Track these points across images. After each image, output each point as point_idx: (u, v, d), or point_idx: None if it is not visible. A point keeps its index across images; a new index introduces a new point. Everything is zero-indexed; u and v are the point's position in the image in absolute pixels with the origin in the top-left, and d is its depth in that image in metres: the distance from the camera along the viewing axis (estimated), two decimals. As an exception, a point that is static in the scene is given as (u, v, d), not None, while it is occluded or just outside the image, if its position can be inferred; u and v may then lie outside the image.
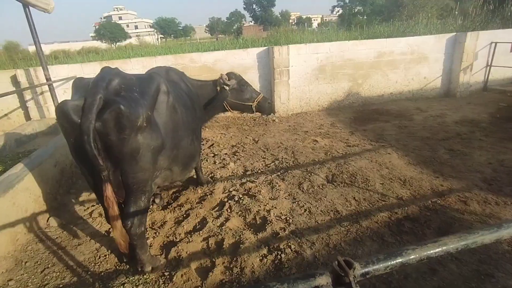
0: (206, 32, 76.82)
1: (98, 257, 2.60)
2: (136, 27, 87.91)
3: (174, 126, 2.34)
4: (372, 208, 3.09)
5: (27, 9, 4.50)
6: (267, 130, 5.88)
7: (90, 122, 1.73)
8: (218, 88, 3.46)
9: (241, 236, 2.75)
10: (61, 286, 2.28)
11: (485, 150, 4.27)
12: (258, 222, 2.97)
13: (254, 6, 71.21)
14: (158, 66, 3.22)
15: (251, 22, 74.08)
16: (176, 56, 6.36)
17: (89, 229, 3.03)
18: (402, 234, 2.67)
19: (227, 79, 3.47)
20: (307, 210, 3.11)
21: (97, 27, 62.91)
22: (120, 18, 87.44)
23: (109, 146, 1.86)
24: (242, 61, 6.56)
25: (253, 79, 6.74)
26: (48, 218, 3.10)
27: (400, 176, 3.69)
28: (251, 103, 3.69)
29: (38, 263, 2.53)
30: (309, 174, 3.84)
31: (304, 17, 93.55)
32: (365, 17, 43.55)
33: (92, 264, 2.51)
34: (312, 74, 6.83)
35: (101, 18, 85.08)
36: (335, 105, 7.16)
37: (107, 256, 2.61)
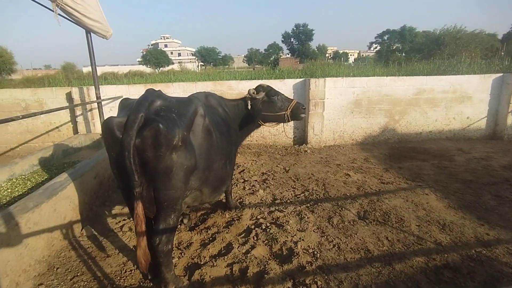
0: (244, 62, 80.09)
1: (124, 271, 2.65)
2: (179, 55, 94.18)
3: (208, 148, 2.42)
4: (407, 251, 2.89)
5: (89, 34, 5.04)
6: (299, 160, 5.85)
7: (131, 138, 1.85)
8: (249, 103, 3.43)
9: (266, 265, 2.68)
10: (88, 296, 2.34)
11: (538, 200, 3.90)
12: (284, 253, 2.89)
13: (292, 40, 73.71)
14: (198, 92, 3.40)
15: (288, 54, 76.36)
16: (215, 82, 6.69)
17: (119, 242, 3.12)
18: (441, 283, 2.45)
19: (255, 92, 3.46)
20: (336, 245, 2.98)
21: (144, 53, 68.29)
22: (165, 46, 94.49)
23: (145, 162, 1.95)
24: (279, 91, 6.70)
25: (287, 109, 6.84)
26: (83, 228, 3.24)
27: (439, 220, 3.45)
28: (284, 112, 3.57)
29: (69, 270, 2.63)
30: (339, 209, 3.72)
31: (341, 51, 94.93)
32: (403, 54, 43.31)
33: (118, 278, 2.56)
34: (348, 107, 6.80)
35: (149, 45, 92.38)
36: (369, 140, 7.01)
37: (132, 271, 2.65)
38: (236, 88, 6.69)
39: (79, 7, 4.43)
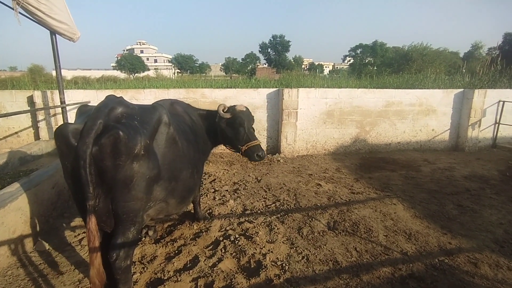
0: (221, 71, 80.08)
1: (78, 289, 2.45)
2: (155, 61, 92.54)
3: (173, 158, 2.32)
4: (374, 262, 2.90)
5: (53, 36, 4.79)
6: (271, 169, 5.82)
7: (87, 146, 1.73)
8: (218, 117, 3.29)
9: (233, 279, 2.58)
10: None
11: (496, 209, 4.10)
12: (252, 266, 2.80)
13: (269, 50, 74.91)
14: (164, 99, 3.29)
15: (265, 64, 77.40)
16: (188, 90, 6.56)
17: (75, 257, 2.90)
18: (406, 294, 2.47)
19: (225, 110, 3.31)
20: (305, 257, 2.94)
21: (118, 58, 66.58)
22: (141, 52, 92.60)
23: (103, 172, 1.83)
24: (252, 100, 6.71)
25: (261, 118, 6.85)
26: (36, 242, 2.99)
27: (405, 229, 3.51)
28: (240, 146, 3.32)
29: (15, 291, 2.39)
30: (310, 219, 3.70)
31: (316, 63, 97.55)
32: (375, 68, 45.23)
33: (70, 297, 2.36)
34: (320, 118, 6.91)
35: (124, 50, 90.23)
36: (341, 150, 7.14)
37: (88, 290, 2.46)
38: (209, 96, 6.61)
39: (43, 7, 4.20)
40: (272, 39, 73.28)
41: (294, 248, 3.10)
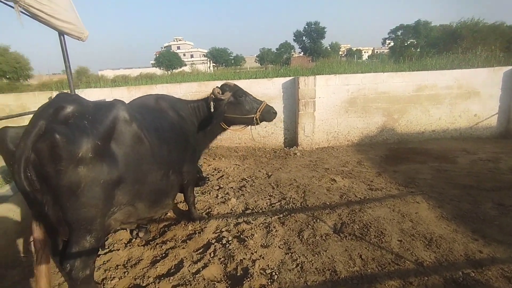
0: (256, 62, 79.82)
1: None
2: (191, 56, 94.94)
3: (138, 158, 2.12)
4: (381, 273, 2.49)
5: (62, 36, 4.86)
6: (285, 164, 5.48)
7: (22, 151, 1.59)
8: (212, 105, 3.07)
9: (213, 289, 2.36)
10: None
11: (547, 210, 3.39)
12: (238, 274, 2.56)
13: (304, 38, 72.95)
14: (149, 94, 3.12)
15: (300, 53, 75.66)
16: (200, 83, 6.41)
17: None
18: (412, 316, 2.05)
19: (220, 92, 3.12)
20: (300, 265, 2.62)
21: (157, 55, 69.22)
22: (178, 48, 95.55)
23: (45, 178, 1.68)
24: (267, 91, 6.38)
25: (277, 109, 6.34)
26: (31, 243, 3.01)
27: (426, 233, 3.01)
28: (253, 115, 3.27)
29: (-4, 293, 2.39)
30: (314, 220, 3.34)
31: (354, 49, 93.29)
32: (418, 50, 41.89)
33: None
34: (342, 106, 6.37)
35: (162, 48, 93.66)
36: (366, 141, 6.54)
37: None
38: (222, 89, 6.38)
39: (46, 8, 4.22)
40: (306, 26, 71.22)
41: (290, 254, 2.79)
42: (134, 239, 3.14)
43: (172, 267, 2.69)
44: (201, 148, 3.38)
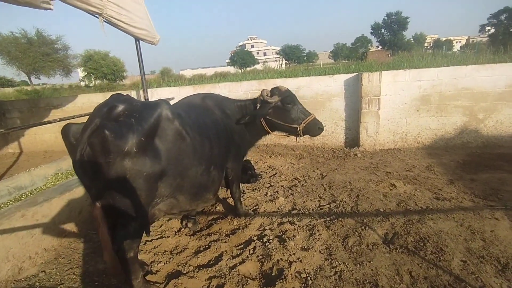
0: (329, 58, 77.39)
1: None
2: (264, 54, 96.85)
3: (180, 153, 2.26)
4: (432, 295, 2.20)
5: (137, 42, 5.48)
6: (342, 165, 5.20)
7: (82, 144, 1.85)
8: (258, 106, 3.11)
9: (244, 286, 2.40)
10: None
11: None
12: (273, 274, 2.54)
13: (383, 30, 67.82)
14: (196, 93, 3.28)
15: (378, 47, 70.69)
16: (260, 81, 6.50)
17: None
18: None
19: (269, 94, 3.10)
20: (338, 273, 2.48)
21: (232, 54, 72.49)
22: (252, 46, 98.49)
23: (97, 169, 1.92)
24: (327, 88, 6.14)
25: (339, 107, 6.20)
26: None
27: (500, 257, 2.54)
28: (296, 126, 3.12)
29: (69, 261, 2.85)
30: (362, 227, 3.11)
31: (443, 39, 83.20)
32: (528, 36, 35.17)
33: (104, 275, 2.64)
34: (412, 104, 5.74)
35: (236, 47, 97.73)
36: (441, 144, 5.77)
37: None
38: (281, 87, 6.36)
39: (124, 18, 4.82)
40: (386, 18, 66.09)
41: (330, 260, 2.66)
42: (183, 229, 3.38)
43: (212, 259, 2.81)
44: (247, 147, 3.43)
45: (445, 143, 5.75)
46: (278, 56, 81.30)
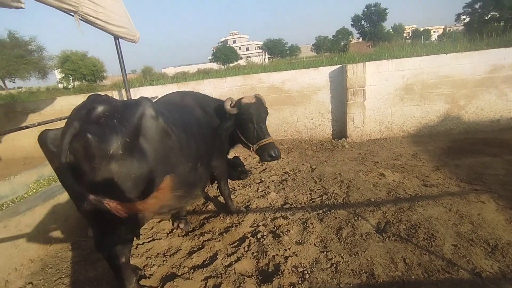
0: (312, 51, 77.77)
1: (106, 276, 2.64)
2: (247, 49, 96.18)
3: (166, 152, 2.19)
4: (427, 281, 2.23)
5: (117, 40, 5.30)
6: (331, 157, 5.23)
7: (62, 151, 1.74)
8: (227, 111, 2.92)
9: (242, 284, 2.37)
10: (59, 300, 2.39)
11: None
12: (269, 269, 2.53)
13: (363, 22, 68.72)
14: (175, 91, 3.20)
15: (359, 38, 71.59)
16: (245, 76, 6.43)
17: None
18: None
19: (231, 104, 2.91)
20: (334, 265, 2.49)
21: (214, 50, 71.69)
22: (234, 42, 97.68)
23: (82, 175, 1.83)
24: (313, 81, 6.14)
25: (325, 100, 6.22)
26: (89, 229, 3.38)
27: (489, 239, 2.61)
28: (250, 144, 2.95)
29: (57, 271, 2.74)
30: (355, 218, 3.13)
31: (421, 29, 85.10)
32: (501, 24, 36.32)
33: (96, 283, 2.56)
34: (396, 94, 5.83)
35: (218, 43, 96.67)
36: (425, 132, 5.90)
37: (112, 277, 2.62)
38: (266, 81, 6.32)
39: (101, 15, 4.63)
40: (365, 9, 67.00)
41: (325, 252, 2.66)
42: (175, 229, 3.31)
43: (207, 259, 2.77)
44: (229, 145, 3.34)
45: (429, 131, 5.88)
46: (261, 50, 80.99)
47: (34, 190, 3.72)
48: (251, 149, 2.96)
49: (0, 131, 3.53)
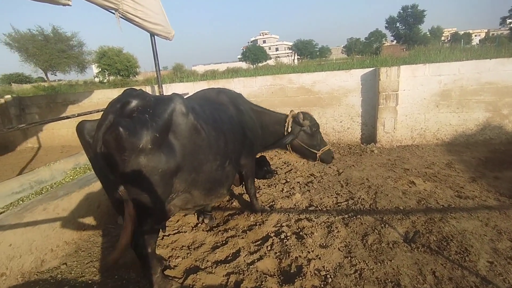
0: (342, 53, 76.31)
1: (134, 262, 2.75)
2: (277, 49, 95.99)
3: (195, 148, 2.23)
4: (458, 297, 2.13)
5: (152, 37, 5.49)
6: (359, 161, 5.11)
7: (97, 142, 1.83)
8: (287, 124, 3.37)
9: (263, 283, 2.38)
10: (89, 282, 2.52)
11: None
12: (291, 270, 2.52)
13: (398, 24, 66.34)
14: (211, 87, 3.25)
15: (393, 41, 69.27)
16: (275, 76, 6.41)
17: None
18: None
19: (302, 118, 3.34)
20: (358, 271, 2.43)
21: (244, 50, 72.20)
22: (264, 42, 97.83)
23: (113, 166, 1.90)
24: (343, 83, 6.02)
25: (355, 103, 6.08)
26: (119, 217, 3.53)
27: (529, 258, 2.44)
28: (316, 151, 3.50)
29: (89, 254, 2.89)
30: (382, 225, 3.04)
31: (461, 32, 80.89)
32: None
33: (123, 269, 2.67)
34: (431, 100, 5.57)
35: (249, 42, 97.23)
36: (461, 140, 5.59)
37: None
38: (296, 82, 6.28)
39: (139, 13, 4.82)
40: (401, 11, 64.61)
41: (349, 258, 2.61)
42: (200, 224, 3.38)
43: (230, 255, 2.80)
44: (259, 144, 3.40)
45: (466, 140, 5.57)
46: (291, 51, 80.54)
47: (71, 177, 3.95)
48: (317, 155, 3.50)
49: (43, 120, 3.79)
